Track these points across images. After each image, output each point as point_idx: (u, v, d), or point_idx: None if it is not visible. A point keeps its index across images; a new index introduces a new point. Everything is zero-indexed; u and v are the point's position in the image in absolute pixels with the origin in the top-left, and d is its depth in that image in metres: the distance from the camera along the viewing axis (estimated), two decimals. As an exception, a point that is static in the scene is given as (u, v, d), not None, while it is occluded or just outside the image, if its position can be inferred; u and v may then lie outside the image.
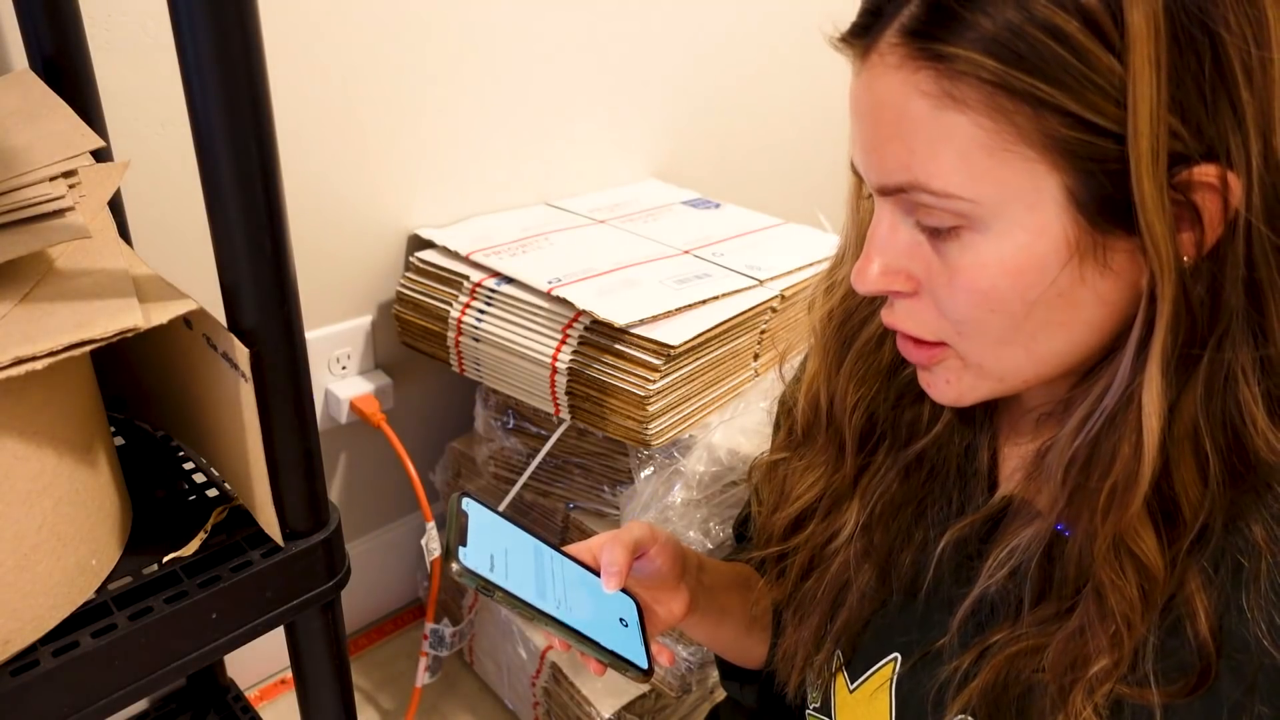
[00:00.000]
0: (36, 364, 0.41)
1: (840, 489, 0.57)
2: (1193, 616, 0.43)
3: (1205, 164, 0.38)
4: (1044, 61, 0.37)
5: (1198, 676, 0.43)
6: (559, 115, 1.17)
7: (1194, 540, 0.43)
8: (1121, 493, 0.42)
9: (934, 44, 0.39)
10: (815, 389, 0.58)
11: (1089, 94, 0.37)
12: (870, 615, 0.56)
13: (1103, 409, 0.43)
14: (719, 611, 0.64)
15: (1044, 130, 0.38)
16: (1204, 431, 0.42)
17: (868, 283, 0.46)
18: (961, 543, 0.52)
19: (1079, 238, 0.40)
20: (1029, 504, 0.49)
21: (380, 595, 1.28)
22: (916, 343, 0.47)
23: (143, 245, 0.79)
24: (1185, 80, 0.37)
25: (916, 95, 0.40)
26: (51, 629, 0.47)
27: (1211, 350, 0.41)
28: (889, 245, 0.45)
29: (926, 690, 0.52)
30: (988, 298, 0.42)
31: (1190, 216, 0.39)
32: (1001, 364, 0.45)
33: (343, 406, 1.06)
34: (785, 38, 1.40)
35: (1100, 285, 0.41)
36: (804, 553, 0.59)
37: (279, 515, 0.52)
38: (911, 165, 0.41)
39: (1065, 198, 0.39)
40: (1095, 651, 0.44)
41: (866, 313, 0.55)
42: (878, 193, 0.45)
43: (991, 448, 0.54)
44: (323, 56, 0.93)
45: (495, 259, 0.98)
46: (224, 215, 0.44)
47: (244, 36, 0.41)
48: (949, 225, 0.42)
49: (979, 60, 0.38)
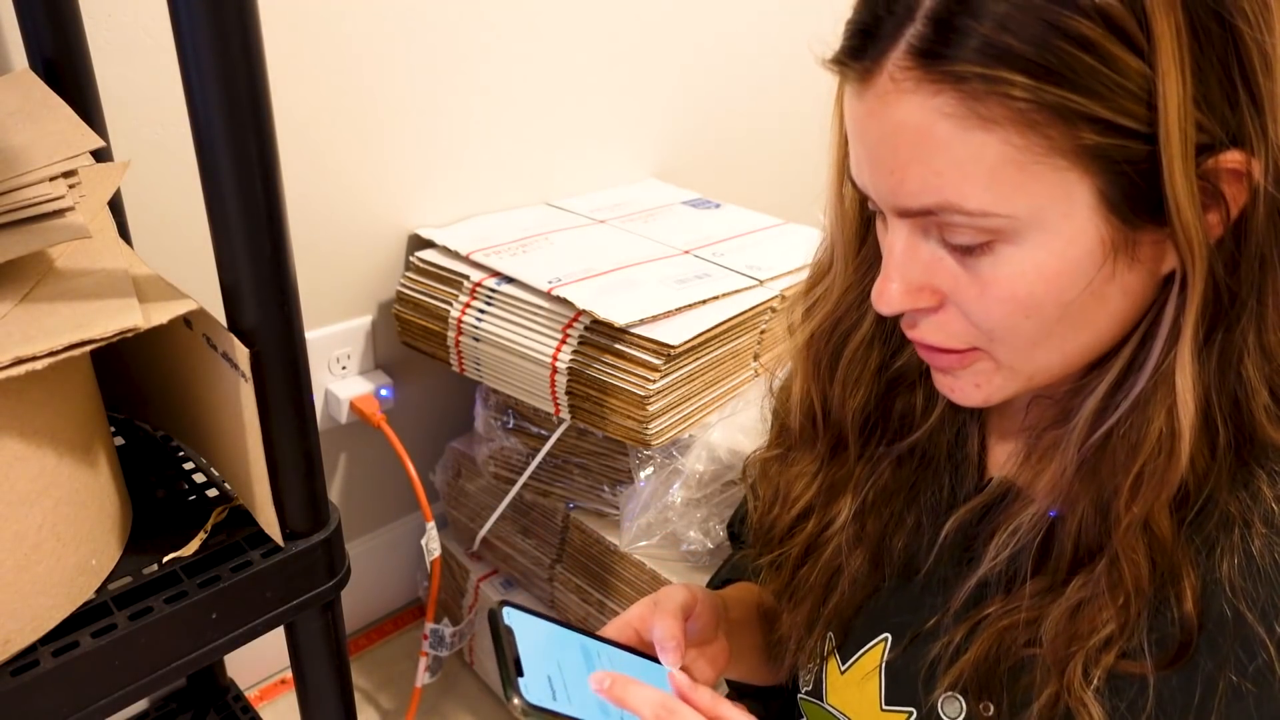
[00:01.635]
0: (36, 364, 0.41)
1: (837, 481, 0.58)
2: (1179, 590, 0.44)
3: (1230, 150, 0.39)
4: (1074, 73, 0.37)
5: (1178, 648, 0.44)
6: (559, 115, 1.17)
7: (1195, 514, 0.44)
8: (1156, 475, 0.43)
9: (951, 65, 0.38)
10: (809, 399, 0.58)
11: (1120, 99, 0.37)
12: (862, 600, 0.57)
13: (1126, 395, 0.44)
14: (750, 649, 0.64)
15: (1075, 140, 0.38)
16: (1215, 405, 0.43)
17: (891, 304, 0.45)
18: (958, 527, 0.52)
19: (1112, 236, 0.40)
20: (1026, 488, 0.50)
21: (380, 595, 1.28)
22: (944, 351, 0.47)
23: (143, 245, 0.79)
24: (1208, 74, 0.38)
25: (939, 118, 0.39)
26: (51, 629, 0.47)
27: (1228, 328, 0.42)
28: (910, 265, 0.44)
29: (917, 669, 0.53)
30: (1024, 305, 0.42)
31: (1215, 201, 0.40)
32: (1034, 364, 0.45)
33: (343, 406, 1.06)
34: (785, 38, 1.40)
35: (1127, 278, 0.42)
36: (800, 542, 0.59)
37: (279, 515, 0.52)
38: (941, 187, 0.40)
39: (1097, 200, 0.39)
40: (1102, 622, 0.45)
41: (854, 319, 0.55)
42: (896, 215, 0.44)
43: (981, 434, 0.54)
44: (323, 56, 0.93)
45: (495, 259, 0.98)
46: (224, 215, 0.44)
47: (244, 36, 0.41)
48: (980, 241, 0.41)
49: (1006, 77, 0.37)
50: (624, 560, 0.98)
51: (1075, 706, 0.46)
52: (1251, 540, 0.43)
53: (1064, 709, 0.46)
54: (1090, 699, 0.45)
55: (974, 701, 0.50)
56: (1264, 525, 0.43)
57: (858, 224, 0.53)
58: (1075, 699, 0.45)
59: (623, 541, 0.97)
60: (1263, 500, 0.43)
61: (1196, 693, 0.44)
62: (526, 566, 1.10)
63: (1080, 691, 0.45)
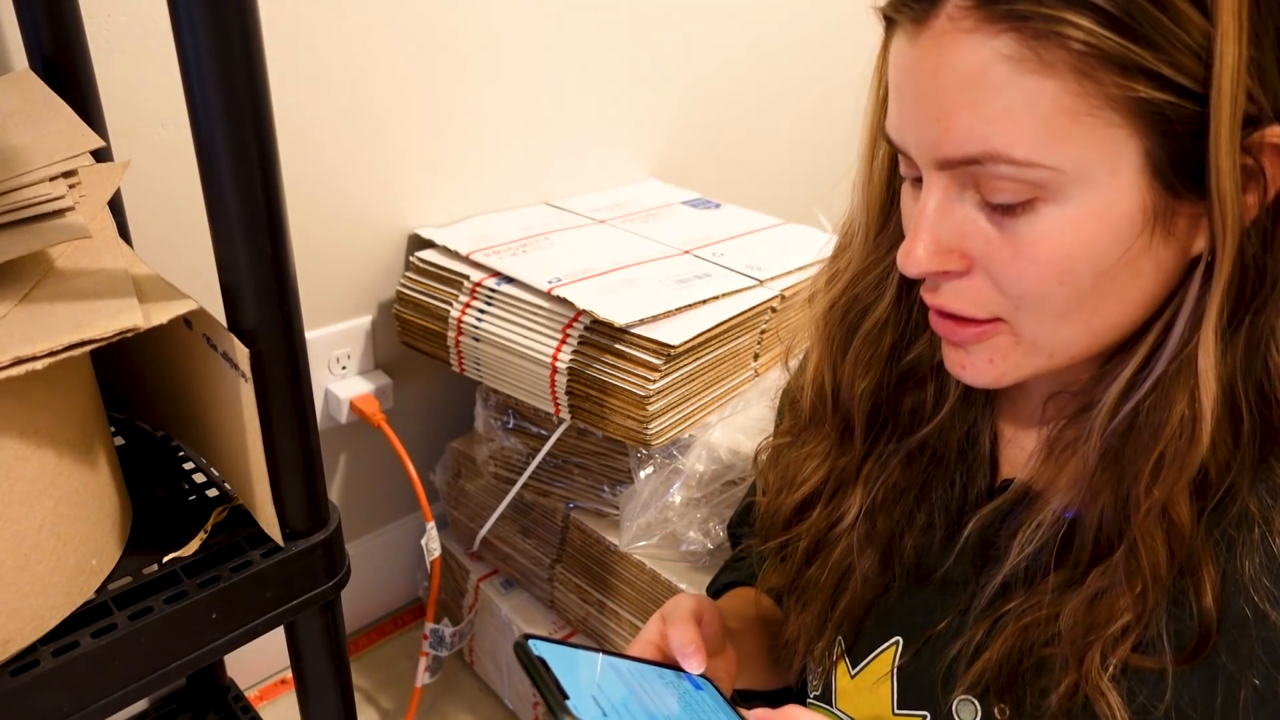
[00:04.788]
0: (36, 364, 0.41)
1: (845, 473, 0.57)
2: (1198, 583, 0.43)
3: (1276, 125, 0.38)
4: (1137, 22, 0.36)
5: (1196, 642, 0.43)
6: (559, 115, 1.17)
7: (1215, 505, 0.44)
8: (1177, 458, 0.42)
9: (1013, 3, 0.37)
10: (821, 377, 0.57)
11: (1178, 54, 0.37)
12: (872, 601, 0.56)
13: (1148, 377, 0.43)
14: (751, 656, 0.63)
15: (1131, 94, 0.37)
16: (1240, 392, 0.42)
17: (918, 265, 0.44)
18: (979, 528, 0.52)
19: (1154, 202, 0.40)
20: (1046, 487, 0.49)
21: (380, 595, 1.28)
22: (961, 322, 0.46)
23: (143, 245, 0.79)
24: (1264, 41, 0.37)
25: (997, 59, 0.38)
26: (51, 629, 0.47)
27: (1255, 312, 0.41)
28: (941, 223, 0.43)
29: (933, 672, 0.52)
30: (1059, 270, 0.41)
31: (1255, 179, 0.39)
32: (1058, 338, 0.44)
33: (343, 406, 1.06)
34: (785, 38, 1.40)
35: (1161, 252, 0.41)
36: (807, 539, 0.59)
37: (279, 515, 0.52)
38: (988, 135, 0.39)
39: (1143, 161, 0.39)
40: (1120, 610, 0.44)
41: (870, 299, 0.54)
42: (937, 167, 0.42)
43: (993, 431, 0.54)
44: (323, 56, 0.93)
45: (495, 259, 0.98)
46: (224, 215, 0.44)
47: (244, 36, 0.41)
48: (1023, 199, 0.40)
49: (1069, 19, 0.36)
50: (624, 560, 0.98)
51: (1093, 695, 0.45)
52: (1273, 539, 0.42)
53: (1082, 700, 0.46)
54: (1108, 687, 0.44)
55: (990, 704, 0.50)
56: None
57: (884, 198, 0.52)
58: (1093, 687, 0.45)
59: (623, 541, 0.97)
60: None
61: (1218, 693, 0.43)
62: (526, 566, 1.10)
63: (1098, 679, 0.45)
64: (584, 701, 0.47)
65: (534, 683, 0.48)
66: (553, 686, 0.47)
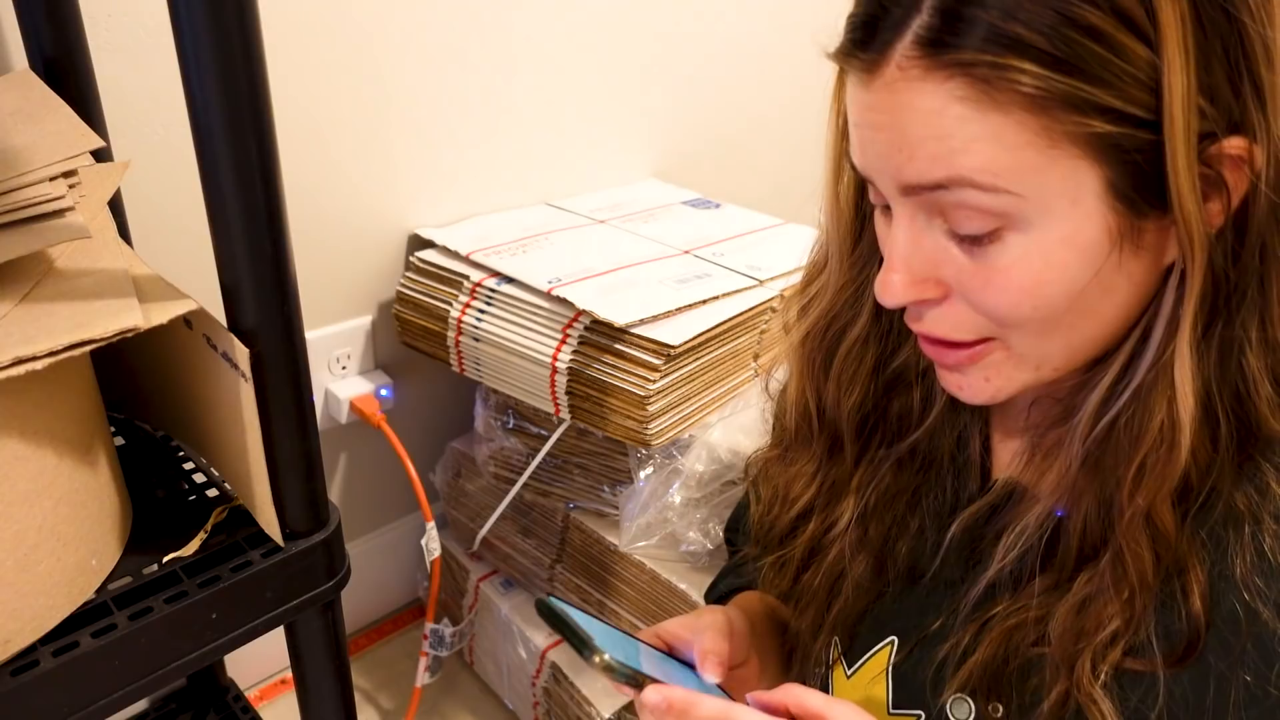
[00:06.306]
0: (36, 364, 0.41)
1: (838, 484, 0.57)
2: (1186, 585, 0.44)
3: (1232, 137, 0.39)
4: (1084, 62, 0.37)
5: (1186, 645, 0.44)
6: (559, 115, 1.17)
7: (1199, 507, 0.44)
8: (1158, 467, 0.43)
9: (959, 54, 0.38)
10: (804, 399, 0.58)
11: (1129, 88, 0.37)
12: (866, 605, 0.56)
13: (1126, 386, 0.43)
14: (774, 652, 0.64)
15: (1085, 128, 0.38)
16: (1216, 398, 0.42)
17: (895, 296, 0.44)
18: (964, 529, 0.52)
19: (1118, 225, 0.40)
20: (1031, 487, 0.50)
21: (380, 595, 1.28)
22: (951, 346, 0.46)
23: (143, 245, 0.79)
24: (1212, 63, 0.38)
25: (952, 100, 0.39)
26: (51, 629, 0.47)
27: (1227, 320, 0.42)
28: (914, 254, 0.44)
29: (924, 672, 0.52)
30: (1033, 295, 0.42)
31: (1216, 187, 0.40)
32: (1039, 353, 0.45)
33: (343, 406, 1.06)
34: (785, 38, 1.40)
35: (1132, 266, 0.42)
36: (802, 545, 0.59)
37: (279, 515, 0.52)
38: (953, 161, 0.40)
39: (1104, 188, 0.39)
40: (1108, 617, 0.45)
41: (849, 316, 0.55)
42: (903, 193, 0.43)
43: (983, 435, 0.54)
44: (323, 56, 0.93)
45: (495, 259, 0.98)
46: (224, 215, 0.44)
47: (244, 36, 0.41)
48: (989, 229, 0.41)
49: (1016, 65, 0.37)
50: (624, 560, 0.98)
51: (1085, 703, 0.45)
52: (1263, 537, 0.43)
53: (1074, 707, 0.46)
54: (1099, 694, 0.45)
55: (983, 703, 0.50)
56: (1275, 522, 0.43)
57: (852, 220, 0.53)
58: (1084, 695, 0.45)
59: (622, 542, 0.97)
60: (1272, 496, 0.43)
61: (1209, 693, 0.44)
62: (526, 566, 1.10)
63: (1089, 687, 0.45)
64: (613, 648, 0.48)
65: (560, 632, 0.48)
66: (580, 629, 0.48)
